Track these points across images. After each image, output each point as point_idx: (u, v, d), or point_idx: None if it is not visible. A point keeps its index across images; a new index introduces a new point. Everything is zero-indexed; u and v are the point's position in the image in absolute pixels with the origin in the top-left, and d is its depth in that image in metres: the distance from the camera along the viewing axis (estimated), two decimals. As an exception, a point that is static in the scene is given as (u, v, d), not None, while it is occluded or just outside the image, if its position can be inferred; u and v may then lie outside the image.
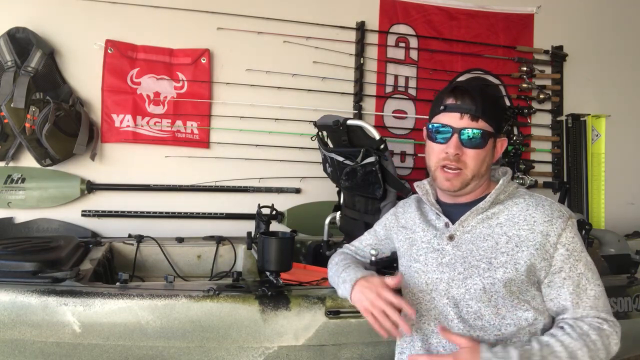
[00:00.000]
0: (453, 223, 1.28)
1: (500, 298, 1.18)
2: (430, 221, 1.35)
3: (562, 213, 1.21)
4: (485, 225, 1.24)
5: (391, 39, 3.00)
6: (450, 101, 1.24)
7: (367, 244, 1.57)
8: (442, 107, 1.25)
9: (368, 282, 1.26)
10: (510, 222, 1.22)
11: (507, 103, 3.15)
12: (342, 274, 1.39)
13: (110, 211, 2.59)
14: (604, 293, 1.20)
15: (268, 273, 1.68)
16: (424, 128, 1.31)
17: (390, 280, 1.22)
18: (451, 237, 1.27)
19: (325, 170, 2.26)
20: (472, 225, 1.26)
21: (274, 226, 2.43)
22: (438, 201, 1.36)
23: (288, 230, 2.59)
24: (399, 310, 1.19)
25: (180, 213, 2.66)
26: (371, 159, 1.85)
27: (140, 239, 2.24)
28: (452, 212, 1.30)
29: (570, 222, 1.20)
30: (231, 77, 2.74)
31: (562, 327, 1.16)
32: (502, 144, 1.31)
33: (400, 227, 1.43)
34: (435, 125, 1.25)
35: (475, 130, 1.21)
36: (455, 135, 1.22)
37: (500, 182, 1.27)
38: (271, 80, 2.77)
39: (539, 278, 1.20)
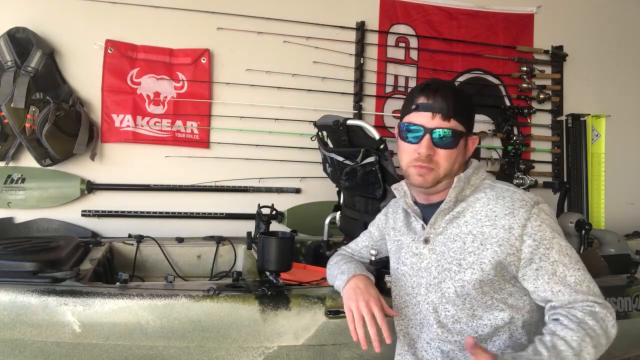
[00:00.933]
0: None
1: (474, 300, 1.16)
2: (411, 224, 1.33)
3: (524, 202, 1.15)
4: (454, 225, 1.21)
5: (391, 39, 3.00)
6: (422, 100, 1.21)
7: (363, 245, 1.56)
8: (414, 107, 1.22)
9: (365, 287, 1.26)
10: (474, 219, 1.18)
11: (507, 103, 3.16)
12: (342, 267, 1.38)
13: (110, 211, 2.59)
14: (587, 276, 1.12)
15: (268, 273, 1.68)
16: (396, 126, 1.29)
17: (388, 309, 1.23)
18: (426, 240, 1.24)
19: (325, 170, 2.26)
20: (443, 226, 1.22)
21: (274, 226, 2.43)
22: (416, 202, 1.33)
23: (288, 230, 2.59)
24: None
25: (180, 213, 2.66)
26: (371, 159, 1.85)
27: (140, 239, 2.24)
28: (428, 214, 1.27)
29: (535, 210, 1.13)
30: (231, 77, 2.74)
31: (557, 320, 1.09)
32: (473, 142, 1.28)
33: (390, 228, 1.42)
34: (407, 124, 1.23)
35: (447, 130, 1.18)
36: (427, 136, 1.19)
37: (455, 180, 1.21)
38: (271, 80, 2.77)
39: (512, 273, 1.15)
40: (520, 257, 1.13)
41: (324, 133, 2.15)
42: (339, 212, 2.27)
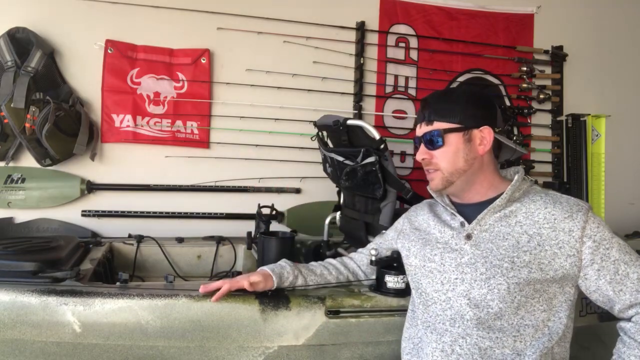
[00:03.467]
0: (469, 222, 1.29)
1: (523, 297, 1.18)
2: (445, 222, 1.36)
3: (580, 206, 1.21)
4: (504, 223, 1.24)
5: (391, 39, 3.00)
6: (417, 113, 1.39)
7: (377, 242, 1.63)
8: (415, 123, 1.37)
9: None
10: (529, 220, 1.22)
11: (507, 103, 3.16)
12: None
13: (110, 211, 2.59)
14: None
15: (268, 273, 1.68)
16: None
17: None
18: (469, 237, 1.27)
19: (325, 170, 2.26)
20: (490, 223, 1.26)
21: (274, 226, 2.43)
22: (451, 202, 1.38)
23: (288, 230, 2.59)
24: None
25: (180, 213, 2.66)
26: (371, 159, 1.84)
27: (140, 239, 2.24)
28: (466, 212, 1.32)
29: (591, 214, 1.20)
30: (231, 77, 2.75)
31: (622, 341, 1.17)
32: (482, 132, 1.29)
33: (413, 229, 1.45)
34: (414, 139, 1.39)
35: (430, 132, 1.30)
36: (421, 143, 1.33)
37: (516, 178, 1.29)
38: (271, 80, 2.77)
39: (570, 275, 1.18)
40: (581, 258, 1.18)
41: (324, 133, 2.15)
42: (339, 212, 2.27)
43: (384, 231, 1.69)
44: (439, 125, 1.29)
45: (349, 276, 1.61)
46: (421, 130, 1.33)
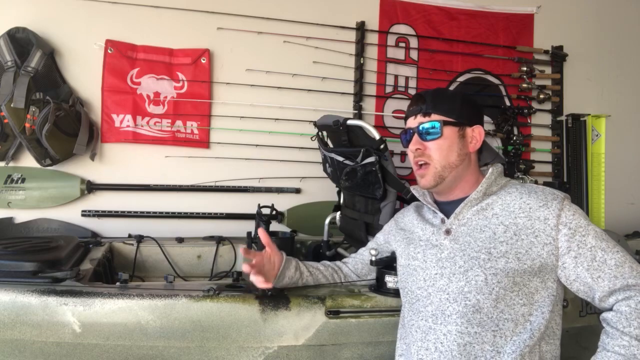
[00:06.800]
0: (449, 218, 1.30)
1: (502, 289, 1.17)
2: (428, 220, 1.38)
3: (555, 195, 1.22)
4: (481, 216, 1.26)
5: (391, 39, 3.00)
6: (409, 108, 1.38)
7: (369, 247, 1.62)
8: (405, 116, 1.40)
9: None
10: (505, 211, 1.23)
11: (507, 103, 3.16)
12: None
13: (110, 211, 2.59)
14: (628, 258, 1.16)
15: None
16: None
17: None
18: (448, 232, 1.28)
19: (325, 170, 2.26)
20: (468, 217, 1.27)
21: (274, 226, 2.44)
22: (435, 201, 1.40)
23: (288, 230, 2.59)
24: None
25: (180, 213, 2.66)
26: (371, 159, 1.84)
27: (140, 239, 2.24)
28: (448, 209, 1.33)
29: (567, 202, 1.21)
30: (231, 77, 2.75)
31: (607, 334, 1.14)
32: (473, 131, 1.33)
33: (399, 230, 1.48)
34: (402, 131, 1.40)
35: (428, 123, 1.31)
36: (415, 134, 1.34)
37: (490, 171, 1.30)
38: (271, 80, 2.77)
39: (549, 265, 1.18)
40: (557, 246, 1.18)
41: (324, 133, 2.15)
42: (339, 212, 2.27)
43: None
44: (437, 117, 1.31)
45: (342, 279, 1.62)
46: (416, 121, 1.34)
